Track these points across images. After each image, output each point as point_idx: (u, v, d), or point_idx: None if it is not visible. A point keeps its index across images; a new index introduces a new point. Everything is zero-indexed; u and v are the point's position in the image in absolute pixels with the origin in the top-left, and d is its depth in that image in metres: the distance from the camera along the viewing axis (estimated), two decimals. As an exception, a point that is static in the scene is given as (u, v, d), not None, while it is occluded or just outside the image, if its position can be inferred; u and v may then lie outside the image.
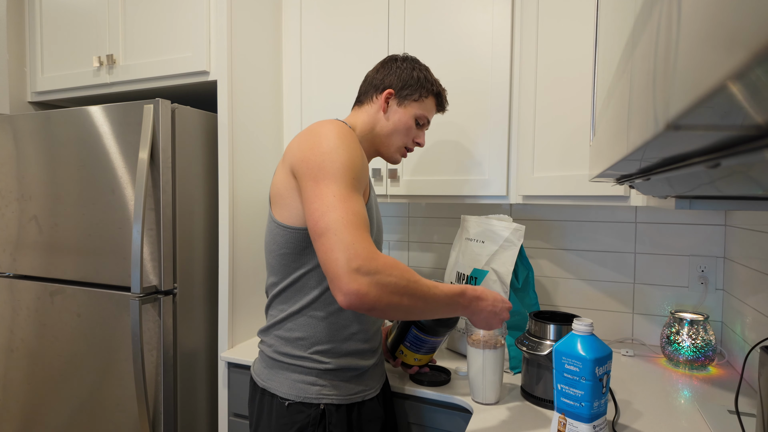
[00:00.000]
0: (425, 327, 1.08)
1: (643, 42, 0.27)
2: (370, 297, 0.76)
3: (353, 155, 0.88)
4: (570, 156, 1.25)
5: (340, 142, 0.88)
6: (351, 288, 0.75)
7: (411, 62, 1.09)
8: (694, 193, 0.44)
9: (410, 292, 0.80)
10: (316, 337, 0.96)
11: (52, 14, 1.72)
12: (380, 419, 1.03)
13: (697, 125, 0.18)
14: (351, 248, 0.76)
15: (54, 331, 1.56)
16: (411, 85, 1.07)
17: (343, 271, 0.75)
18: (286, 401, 0.95)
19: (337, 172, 0.84)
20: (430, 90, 1.09)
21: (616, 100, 0.41)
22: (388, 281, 0.77)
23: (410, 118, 1.07)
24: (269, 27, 1.62)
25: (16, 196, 1.61)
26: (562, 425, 0.88)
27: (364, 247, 0.77)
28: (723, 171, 0.24)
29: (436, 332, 1.10)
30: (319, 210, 0.81)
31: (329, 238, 0.78)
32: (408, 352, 1.12)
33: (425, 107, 1.09)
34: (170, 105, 1.37)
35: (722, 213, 1.42)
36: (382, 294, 0.76)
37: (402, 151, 1.11)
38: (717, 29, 0.13)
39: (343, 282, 0.75)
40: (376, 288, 0.76)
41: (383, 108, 1.06)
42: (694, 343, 1.28)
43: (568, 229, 1.60)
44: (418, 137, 1.11)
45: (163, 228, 1.36)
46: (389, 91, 1.06)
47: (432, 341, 1.12)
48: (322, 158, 0.86)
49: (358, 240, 0.78)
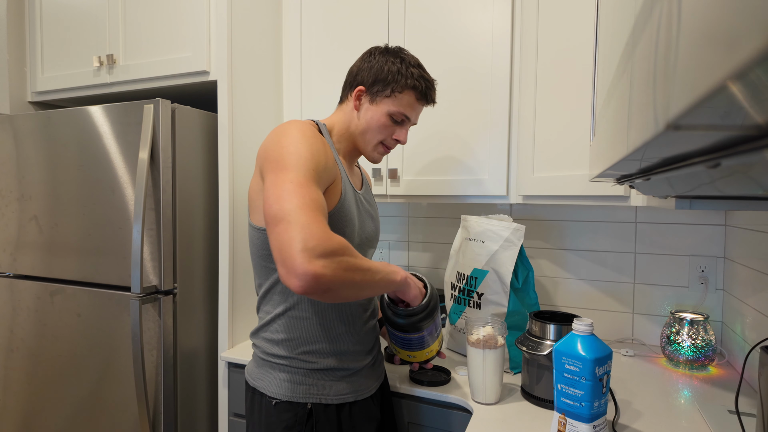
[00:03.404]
0: (397, 325, 1.01)
1: (643, 42, 0.27)
2: (328, 277, 0.73)
3: (314, 150, 0.87)
4: (570, 156, 1.25)
5: (299, 137, 0.87)
6: (306, 269, 0.71)
7: (387, 54, 1.02)
8: (694, 193, 0.44)
9: (360, 267, 0.79)
10: (303, 338, 0.96)
11: (52, 14, 1.72)
12: (375, 420, 1.03)
13: (697, 125, 0.18)
14: (306, 229, 0.74)
15: (54, 331, 1.56)
16: (382, 80, 1.00)
17: (296, 252, 0.72)
18: (273, 400, 0.96)
19: (296, 163, 0.83)
20: (406, 84, 1.00)
21: (616, 100, 0.41)
22: (341, 260, 0.76)
23: (383, 116, 1.00)
24: (269, 27, 1.62)
25: (16, 196, 1.61)
26: (562, 425, 0.88)
27: (319, 228, 0.75)
28: (723, 171, 0.24)
29: (410, 328, 1.01)
30: (274, 196, 0.79)
31: (283, 223, 0.75)
32: (400, 350, 1.08)
33: (400, 103, 1.00)
34: (170, 105, 1.37)
35: (722, 213, 1.42)
36: (338, 272, 0.74)
37: (380, 150, 1.05)
38: (717, 29, 0.13)
39: (297, 263, 0.71)
40: (332, 268, 0.74)
41: (356, 106, 1.03)
42: (694, 343, 1.28)
43: (568, 229, 1.59)
44: (396, 135, 1.03)
45: (163, 228, 1.36)
46: (359, 88, 1.01)
47: (412, 337, 1.03)
48: (281, 151, 0.85)
49: (313, 221, 0.75)
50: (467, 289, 1.34)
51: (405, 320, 0.98)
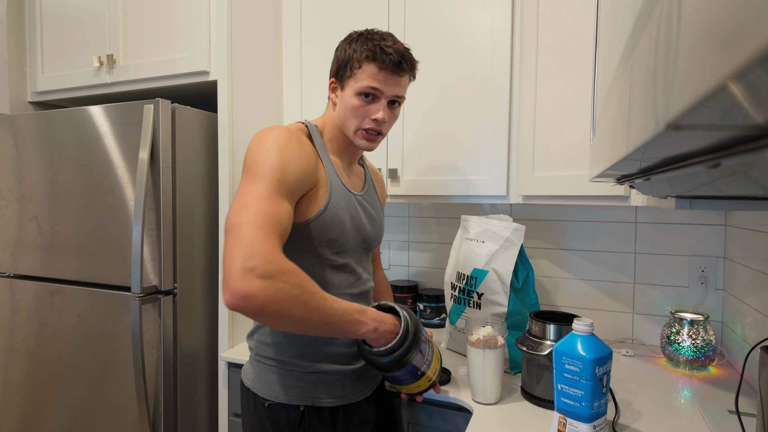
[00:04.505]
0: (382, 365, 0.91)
1: (643, 42, 0.27)
2: (258, 300, 0.71)
3: (285, 159, 0.85)
4: (570, 156, 1.25)
5: (271, 145, 0.86)
6: (239, 287, 0.70)
7: (348, 40, 0.98)
8: (694, 193, 0.44)
9: (303, 302, 0.75)
10: (295, 342, 0.96)
11: (52, 14, 1.72)
12: (370, 422, 1.03)
13: (697, 125, 0.18)
14: (250, 247, 0.72)
15: (54, 331, 1.56)
16: (343, 64, 0.96)
17: (236, 268, 0.71)
18: (266, 402, 0.96)
19: (261, 173, 0.82)
20: (360, 58, 0.93)
21: (616, 100, 0.41)
22: (280, 287, 0.72)
23: (352, 98, 0.95)
24: (269, 27, 1.62)
25: (16, 196, 1.61)
26: (562, 425, 0.88)
27: (264, 248, 0.73)
28: (723, 171, 0.24)
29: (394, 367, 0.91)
30: (234, 206, 0.79)
31: (233, 236, 0.74)
32: (395, 386, 1.00)
33: (363, 77, 0.94)
34: (170, 105, 1.37)
35: (722, 213, 1.42)
36: (272, 299, 0.72)
37: (362, 135, 0.98)
38: (717, 29, 0.13)
39: (233, 279, 0.70)
40: (266, 292, 0.71)
41: (332, 99, 1.01)
42: (694, 343, 1.28)
43: (568, 229, 1.59)
44: (372, 113, 0.96)
45: (163, 228, 1.36)
46: (330, 81, 1.00)
47: (398, 376, 0.94)
48: (251, 161, 0.85)
49: (260, 240, 0.74)
50: (467, 289, 1.34)
51: (386, 359, 0.89)
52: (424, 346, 0.95)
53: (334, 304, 0.80)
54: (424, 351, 0.95)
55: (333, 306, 0.79)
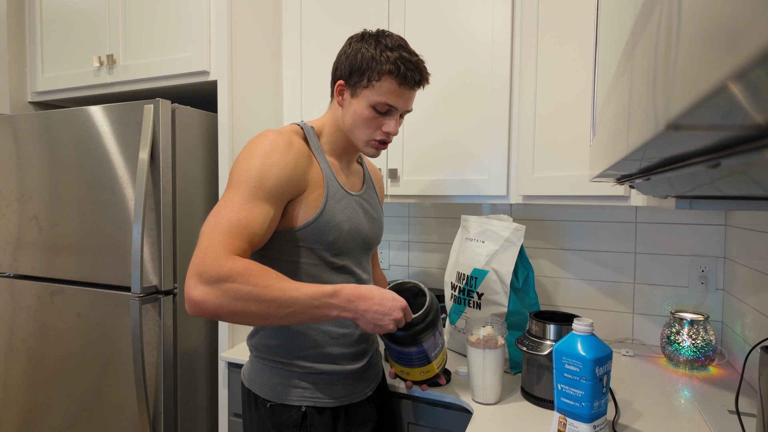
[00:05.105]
0: (395, 337, 0.92)
1: (643, 42, 0.27)
2: (208, 305, 0.74)
3: (265, 164, 0.85)
4: (570, 156, 1.25)
5: (254, 153, 0.86)
6: (190, 294, 0.74)
7: (362, 41, 0.94)
8: (694, 193, 0.44)
9: (256, 297, 0.75)
10: (295, 343, 0.96)
11: (52, 14, 1.72)
12: (371, 422, 1.02)
13: (697, 125, 0.18)
14: (202, 254, 0.76)
15: (54, 331, 1.56)
16: (358, 70, 0.92)
17: (188, 276, 0.76)
18: (268, 402, 0.96)
19: (239, 180, 0.84)
20: (382, 70, 0.90)
21: (616, 100, 0.41)
22: (228, 288, 0.74)
23: (365, 109, 0.93)
24: (269, 27, 1.62)
25: (16, 196, 1.61)
26: (563, 425, 0.88)
27: (214, 253, 0.75)
28: (723, 171, 0.24)
29: (407, 341, 0.92)
30: (210, 212, 0.83)
31: (198, 241, 0.79)
32: (397, 366, 1.00)
33: (381, 91, 0.92)
34: (170, 105, 1.37)
35: (722, 213, 1.42)
36: (222, 302, 0.74)
37: (373, 145, 0.97)
38: (717, 29, 0.13)
39: (186, 287, 0.75)
40: (215, 296, 0.74)
41: (339, 102, 0.97)
42: (694, 343, 1.28)
43: (568, 229, 1.59)
44: (385, 126, 0.95)
45: (163, 228, 1.36)
46: (339, 83, 0.96)
47: (411, 352, 0.94)
48: (233, 169, 0.87)
49: (214, 245, 0.76)
50: (467, 289, 1.34)
51: (402, 332, 0.90)
52: (438, 335, 0.95)
53: (294, 293, 0.78)
54: (437, 339, 0.96)
55: (293, 295, 0.78)
